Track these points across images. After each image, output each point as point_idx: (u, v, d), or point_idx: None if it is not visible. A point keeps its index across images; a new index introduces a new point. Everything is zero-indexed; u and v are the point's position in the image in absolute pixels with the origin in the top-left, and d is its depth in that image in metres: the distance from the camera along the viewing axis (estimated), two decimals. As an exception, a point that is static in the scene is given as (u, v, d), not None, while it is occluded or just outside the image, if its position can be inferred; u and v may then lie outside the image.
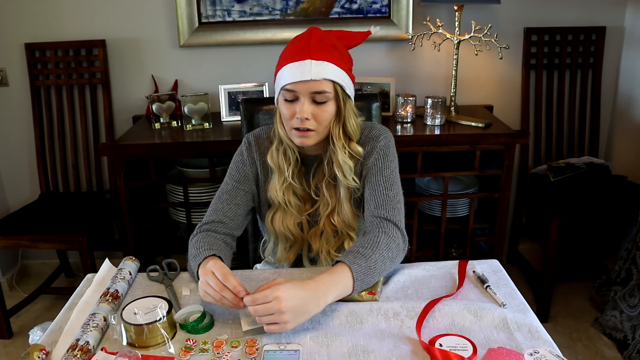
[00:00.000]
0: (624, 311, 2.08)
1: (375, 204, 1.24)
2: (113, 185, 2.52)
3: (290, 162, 1.31)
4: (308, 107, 1.19)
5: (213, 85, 2.41)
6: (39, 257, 2.81)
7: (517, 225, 2.69)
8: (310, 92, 1.19)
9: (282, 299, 0.96)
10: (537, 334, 1.01)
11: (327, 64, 1.18)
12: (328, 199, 1.31)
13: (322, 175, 1.32)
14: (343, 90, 1.22)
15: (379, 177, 1.27)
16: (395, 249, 1.17)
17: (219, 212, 1.32)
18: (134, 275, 1.24)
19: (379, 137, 1.31)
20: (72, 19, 2.42)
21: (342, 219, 1.31)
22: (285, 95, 1.21)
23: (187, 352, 0.99)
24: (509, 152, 2.09)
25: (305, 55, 1.17)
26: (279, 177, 1.31)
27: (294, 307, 0.98)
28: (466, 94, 2.53)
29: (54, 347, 1.01)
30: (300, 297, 0.99)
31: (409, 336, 1.01)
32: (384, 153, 1.30)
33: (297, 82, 1.17)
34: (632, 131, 2.48)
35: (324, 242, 1.34)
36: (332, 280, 1.06)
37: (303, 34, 1.23)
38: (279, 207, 1.34)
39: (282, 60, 1.22)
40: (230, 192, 1.34)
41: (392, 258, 1.16)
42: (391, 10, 2.40)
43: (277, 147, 1.31)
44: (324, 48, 1.19)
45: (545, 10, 2.45)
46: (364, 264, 1.09)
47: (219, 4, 2.38)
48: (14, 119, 2.55)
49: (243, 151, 1.37)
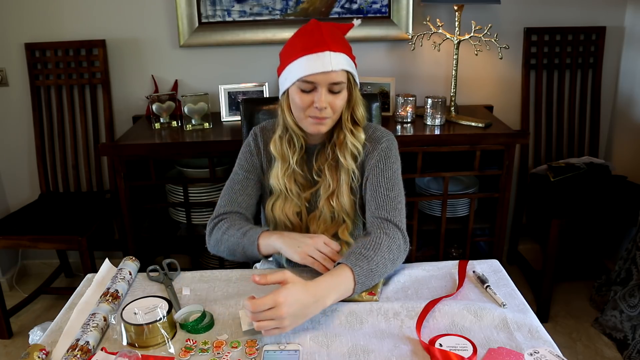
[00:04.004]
0: (624, 311, 2.08)
1: (377, 205, 1.26)
2: (113, 185, 2.52)
3: (296, 149, 1.34)
4: (326, 96, 1.23)
5: (213, 85, 2.41)
6: (39, 257, 2.81)
7: (517, 225, 2.69)
8: (329, 83, 1.22)
9: (283, 305, 0.97)
10: (537, 334, 1.01)
11: (343, 55, 1.23)
12: (329, 181, 1.34)
13: (325, 158, 1.35)
14: (354, 79, 1.27)
15: (380, 179, 1.29)
16: (396, 250, 1.18)
17: (233, 203, 1.35)
18: (134, 275, 1.24)
19: (381, 139, 1.34)
20: (72, 19, 2.42)
21: (340, 203, 1.33)
22: (301, 86, 1.23)
23: (187, 352, 0.99)
24: (509, 152, 2.09)
25: (324, 47, 1.20)
26: (282, 165, 1.34)
27: (294, 312, 0.99)
28: (466, 94, 2.53)
29: (54, 347, 1.01)
30: (301, 302, 1.00)
31: (409, 336, 1.01)
32: (386, 155, 1.32)
33: (318, 74, 1.20)
34: (632, 131, 2.48)
35: (321, 225, 1.36)
36: (334, 282, 1.07)
37: (310, 27, 1.25)
38: (280, 194, 1.37)
39: (294, 52, 1.23)
40: (242, 182, 1.38)
41: (393, 260, 1.17)
42: (391, 10, 2.40)
43: (280, 135, 1.34)
44: (337, 40, 1.23)
45: (545, 10, 2.45)
46: (365, 267, 1.10)
47: (219, 4, 2.38)
48: (14, 119, 2.55)
49: (250, 142, 1.41)
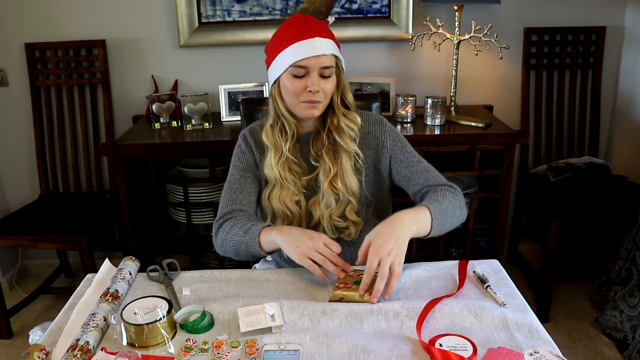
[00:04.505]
0: (624, 311, 2.08)
1: (423, 179, 1.39)
2: (113, 185, 2.52)
3: (288, 137, 1.37)
4: (318, 80, 1.29)
5: (213, 85, 2.40)
6: (39, 257, 2.81)
7: (517, 225, 2.68)
8: (320, 67, 1.28)
9: (384, 260, 1.10)
10: (537, 334, 1.01)
11: (331, 41, 1.30)
12: (330, 166, 1.37)
13: (322, 144, 1.40)
14: (341, 65, 1.34)
15: (405, 155, 1.41)
16: (459, 198, 1.34)
17: (235, 202, 1.36)
18: (134, 275, 1.24)
19: (381, 120, 1.44)
20: (72, 19, 2.42)
21: (345, 184, 1.37)
22: (294, 72, 1.28)
23: (187, 352, 0.99)
24: (509, 152, 2.09)
25: (313, 34, 1.27)
26: (275, 154, 1.37)
27: (394, 251, 1.11)
28: (466, 94, 2.53)
29: (54, 347, 1.01)
30: (394, 239, 1.13)
31: (409, 336, 1.01)
32: (395, 133, 1.43)
33: (310, 58, 1.26)
34: (632, 131, 2.48)
35: (325, 208, 1.39)
36: (416, 213, 1.21)
37: (296, 18, 1.32)
38: (275, 183, 1.38)
39: (284, 41, 1.29)
40: (239, 181, 1.40)
41: (460, 206, 1.33)
42: (391, 10, 2.40)
43: (272, 124, 1.38)
44: (324, 27, 1.32)
45: (545, 10, 2.45)
46: (438, 207, 1.25)
47: (219, 4, 2.38)
48: (14, 119, 2.55)
49: (241, 143, 1.45)
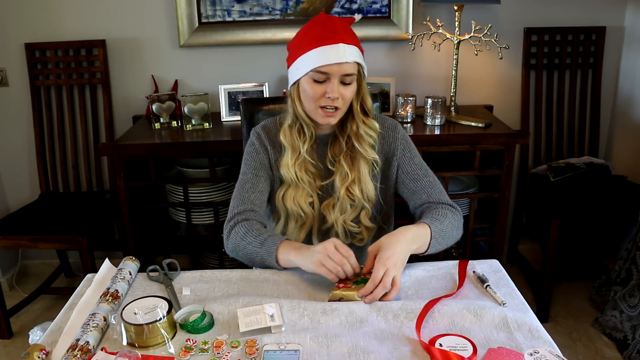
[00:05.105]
0: (624, 311, 2.08)
1: (426, 195, 1.38)
2: (113, 185, 2.52)
3: (306, 138, 1.36)
4: (338, 87, 1.27)
5: (213, 85, 2.40)
6: (39, 257, 2.81)
7: (517, 225, 2.68)
8: (341, 74, 1.26)
9: (390, 271, 1.10)
10: (537, 334, 1.01)
11: (355, 47, 1.27)
12: (347, 172, 1.37)
13: (339, 149, 1.38)
14: (363, 71, 1.32)
15: (413, 167, 1.40)
16: (458, 220, 1.34)
17: (246, 202, 1.35)
18: (134, 275, 1.24)
19: (396, 126, 1.42)
20: (72, 19, 2.42)
21: (362, 190, 1.37)
22: (315, 77, 1.27)
23: (187, 352, 0.99)
24: (509, 152, 2.09)
25: (337, 39, 1.24)
26: (292, 154, 1.36)
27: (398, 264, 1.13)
28: (466, 94, 2.53)
29: (54, 347, 1.01)
30: (399, 252, 1.14)
31: (409, 336, 1.01)
32: (407, 142, 1.42)
33: (332, 65, 1.23)
34: (632, 131, 2.47)
35: (339, 213, 1.39)
36: (419, 231, 1.22)
37: (322, 19, 1.29)
38: (291, 183, 1.38)
39: (307, 44, 1.26)
40: (252, 180, 1.38)
41: (458, 227, 1.33)
42: (391, 10, 2.40)
43: (290, 125, 1.36)
44: (349, 32, 1.29)
45: (545, 10, 2.45)
46: (439, 226, 1.26)
47: (219, 4, 2.38)
48: (14, 119, 2.55)
49: (254, 141, 1.42)
